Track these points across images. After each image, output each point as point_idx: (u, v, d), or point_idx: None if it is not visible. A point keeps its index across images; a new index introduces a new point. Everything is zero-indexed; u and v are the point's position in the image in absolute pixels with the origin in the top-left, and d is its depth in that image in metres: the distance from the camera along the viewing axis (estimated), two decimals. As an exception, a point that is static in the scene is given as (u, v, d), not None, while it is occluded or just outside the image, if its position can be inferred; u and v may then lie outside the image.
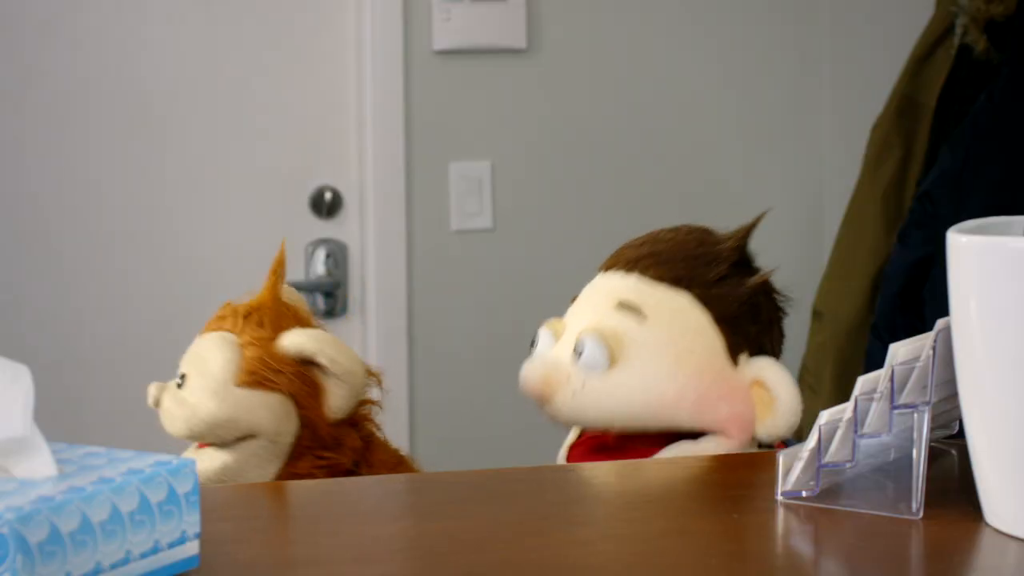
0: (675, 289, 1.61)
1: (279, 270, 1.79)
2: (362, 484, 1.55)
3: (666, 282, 1.61)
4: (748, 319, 1.62)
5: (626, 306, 1.60)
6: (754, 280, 1.63)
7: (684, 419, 1.58)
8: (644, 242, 1.66)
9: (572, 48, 3.34)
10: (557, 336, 1.63)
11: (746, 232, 1.66)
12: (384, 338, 3.26)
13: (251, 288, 1.96)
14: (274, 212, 3.25)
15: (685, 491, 1.41)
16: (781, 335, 1.68)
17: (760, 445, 1.63)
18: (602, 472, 1.48)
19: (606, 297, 1.62)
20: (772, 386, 1.60)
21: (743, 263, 1.65)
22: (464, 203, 3.30)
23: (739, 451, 1.59)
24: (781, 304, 1.68)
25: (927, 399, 1.26)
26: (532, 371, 1.60)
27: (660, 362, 1.58)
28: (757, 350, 1.63)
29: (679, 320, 1.59)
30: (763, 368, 1.61)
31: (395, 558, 1.22)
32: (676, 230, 1.67)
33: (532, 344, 1.65)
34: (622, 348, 1.58)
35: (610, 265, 1.66)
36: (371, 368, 1.78)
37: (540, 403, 1.61)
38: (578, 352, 1.58)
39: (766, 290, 1.65)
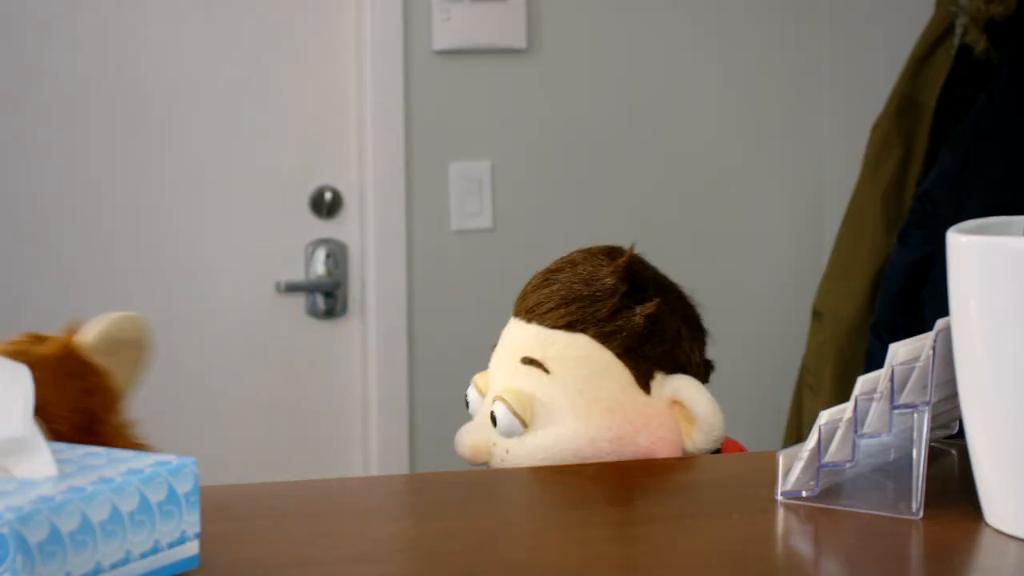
0: (572, 333, 1.63)
1: (71, 330, 1.74)
2: (362, 484, 1.55)
3: (562, 328, 1.63)
4: (652, 343, 1.63)
5: (530, 362, 1.63)
6: (644, 310, 1.63)
7: (609, 458, 1.61)
8: (541, 283, 1.68)
9: (572, 48, 3.34)
10: (483, 393, 1.67)
11: (624, 264, 1.65)
12: (384, 338, 3.26)
13: (250, 289, 1.96)
14: (274, 212, 3.25)
15: (685, 491, 1.41)
16: (698, 339, 1.68)
17: None
18: (602, 472, 1.48)
19: (512, 354, 1.66)
20: (689, 405, 1.61)
21: (635, 288, 1.65)
22: (464, 203, 3.30)
23: None
24: (689, 308, 1.69)
25: (927, 399, 1.26)
26: (461, 444, 1.65)
27: (569, 416, 1.60)
28: (671, 366, 1.64)
29: (582, 366, 1.62)
30: (678, 388, 1.62)
31: (395, 558, 1.22)
32: (570, 263, 1.68)
33: (466, 403, 1.69)
34: (532, 410, 1.61)
35: (516, 310, 1.69)
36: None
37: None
38: (493, 421, 1.62)
39: (669, 303, 1.66)
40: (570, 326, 1.63)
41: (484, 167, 3.31)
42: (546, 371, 1.62)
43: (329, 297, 3.27)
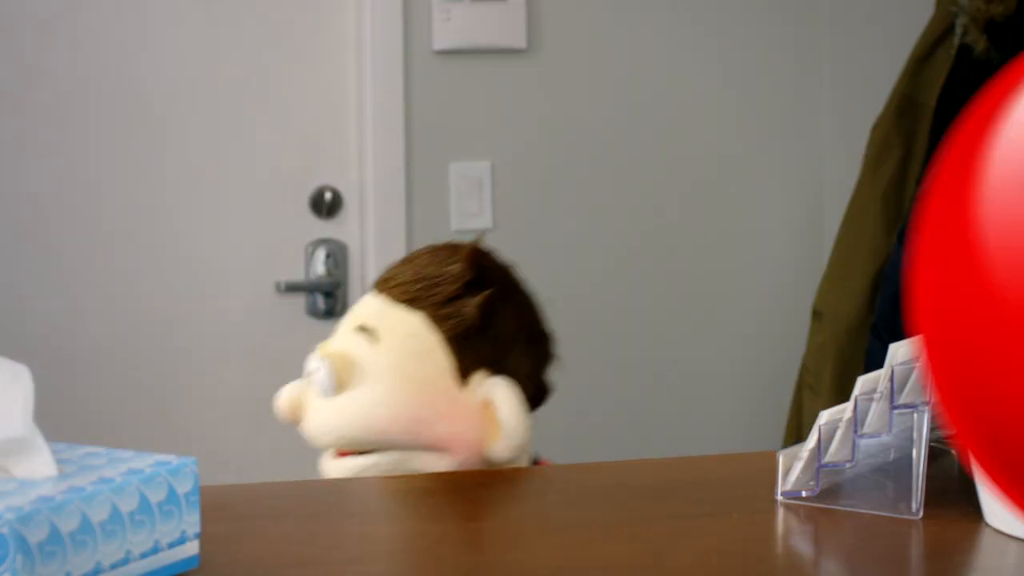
0: (410, 310, 1.67)
1: None
2: (362, 484, 1.55)
3: (403, 303, 1.68)
4: (482, 338, 1.65)
5: (364, 329, 1.68)
6: (476, 301, 1.65)
7: (402, 439, 1.63)
8: (403, 261, 1.74)
9: (572, 48, 3.34)
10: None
11: (471, 252, 1.70)
12: (384, 338, 3.26)
13: (250, 289, 1.97)
14: (274, 212, 3.25)
15: (685, 491, 1.41)
16: (536, 356, 1.70)
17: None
18: (602, 472, 1.48)
19: (353, 320, 1.71)
20: (497, 408, 1.62)
21: (479, 281, 1.68)
22: (464, 203, 3.30)
23: (461, 467, 1.62)
24: (537, 324, 1.71)
25: (927, 399, 1.26)
26: (279, 399, 1.72)
27: (380, 386, 1.64)
28: (497, 368, 1.65)
29: (409, 343, 1.65)
30: (491, 390, 1.64)
31: (395, 558, 1.22)
32: (432, 250, 1.74)
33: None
34: (351, 372, 1.65)
35: (374, 284, 1.74)
36: None
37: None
38: (313, 378, 1.67)
39: (511, 308, 1.69)
40: (410, 302, 1.67)
41: (484, 167, 3.31)
42: (376, 340, 1.66)
43: (329, 297, 3.27)
